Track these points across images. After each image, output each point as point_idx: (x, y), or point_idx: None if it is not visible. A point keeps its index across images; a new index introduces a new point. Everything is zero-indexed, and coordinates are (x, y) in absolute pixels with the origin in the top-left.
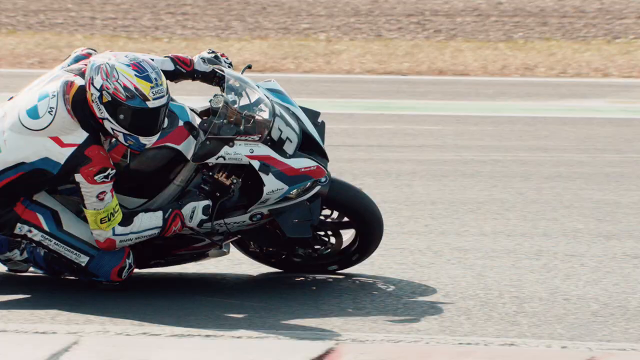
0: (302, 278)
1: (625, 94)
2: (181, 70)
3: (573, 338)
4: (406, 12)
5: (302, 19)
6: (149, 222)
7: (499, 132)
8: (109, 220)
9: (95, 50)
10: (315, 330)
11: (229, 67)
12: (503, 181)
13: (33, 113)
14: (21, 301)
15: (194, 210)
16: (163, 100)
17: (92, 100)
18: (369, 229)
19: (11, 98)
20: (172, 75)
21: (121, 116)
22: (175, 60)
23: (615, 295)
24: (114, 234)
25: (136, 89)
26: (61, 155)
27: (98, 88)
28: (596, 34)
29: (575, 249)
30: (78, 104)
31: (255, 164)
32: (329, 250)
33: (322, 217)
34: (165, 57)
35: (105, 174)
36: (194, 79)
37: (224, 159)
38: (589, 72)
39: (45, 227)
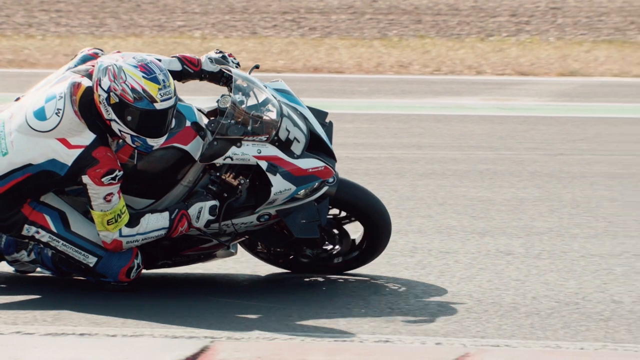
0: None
1: (498, 91)
2: (189, 70)
3: (447, 334)
4: (281, 9)
5: (177, 17)
6: (155, 222)
7: (373, 129)
8: (116, 221)
9: (102, 50)
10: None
11: (236, 67)
12: (378, 179)
13: (40, 114)
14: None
15: (201, 211)
16: (171, 102)
17: (100, 102)
18: (377, 229)
19: (18, 99)
20: (180, 75)
21: (129, 118)
22: (182, 60)
23: (488, 291)
24: (120, 235)
25: (144, 90)
26: (68, 156)
27: (105, 89)
28: (470, 32)
29: (449, 246)
30: (85, 105)
31: (263, 165)
32: (337, 250)
33: (329, 217)
34: (173, 57)
35: (113, 175)
36: (201, 79)
37: (232, 159)
38: (463, 69)
39: (53, 228)
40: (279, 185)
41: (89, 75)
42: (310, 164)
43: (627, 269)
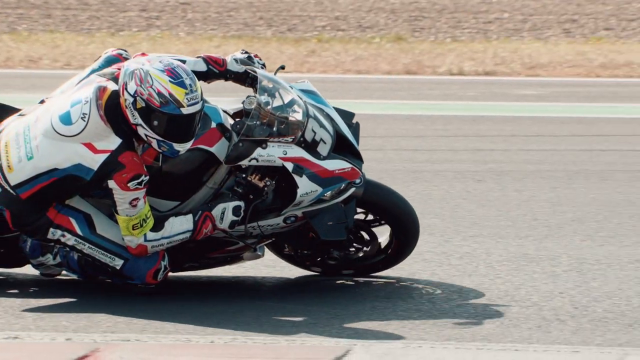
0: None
1: None
2: (214, 71)
3: (78, 330)
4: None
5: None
6: (179, 226)
7: None
8: (141, 226)
9: (126, 51)
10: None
11: (262, 68)
12: None
13: (66, 119)
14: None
15: (224, 212)
16: (197, 107)
17: (126, 106)
18: (405, 230)
19: (42, 101)
20: (205, 76)
21: (155, 122)
22: (207, 60)
23: None
24: (145, 240)
25: (170, 95)
26: (94, 161)
27: (132, 94)
28: (100, 26)
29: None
30: (111, 109)
31: (289, 166)
32: (364, 253)
33: (357, 219)
34: (198, 57)
35: (139, 180)
36: (226, 79)
37: (257, 161)
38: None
39: (79, 231)
40: (305, 186)
41: (115, 79)
42: (337, 165)
43: None
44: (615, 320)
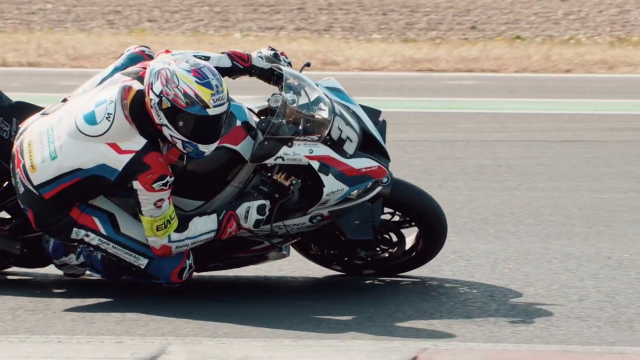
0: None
1: None
2: (238, 66)
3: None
4: None
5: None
6: (204, 226)
7: None
8: (165, 227)
9: (148, 48)
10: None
11: (287, 65)
12: None
13: (90, 119)
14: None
15: (249, 210)
16: (224, 108)
17: (151, 106)
18: (433, 229)
19: (65, 100)
20: (229, 72)
21: (180, 123)
22: (232, 56)
23: None
24: (169, 241)
25: (197, 95)
26: (119, 162)
27: (157, 94)
28: None
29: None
30: (136, 109)
31: (315, 165)
32: (391, 252)
33: (384, 218)
34: (222, 53)
35: (164, 181)
36: (251, 74)
37: (283, 159)
38: None
39: (103, 231)
40: (331, 185)
41: (140, 78)
42: (364, 163)
43: None
44: None
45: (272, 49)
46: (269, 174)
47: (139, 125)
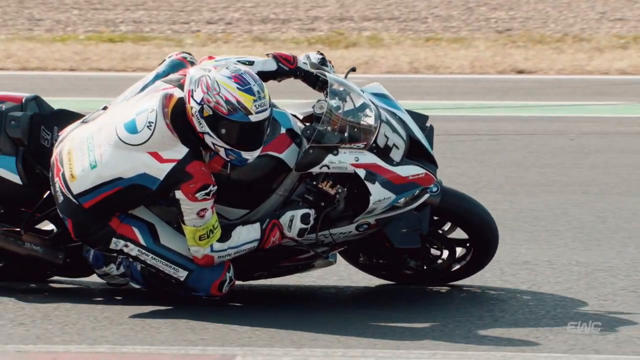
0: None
1: None
2: (284, 68)
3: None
4: None
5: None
6: (247, 235)
7: None
8: (208, 237)
9: (190, 54)
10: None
11: (332, 71)
12: None
13: (131, 127)
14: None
15: (292, 219)
16: (266, 114)
17: (192, 114)
18: (483, 238)
19: (105, 107)
20: (275, 74)
21: (223, 131)
22: (277, 58)
23: None
24: (212, 251)
25: (238, 102)
26: (160, 171)
27: (198, 101)
28: None
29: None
30: (177, 117)
31: (361, 173)
32: (441, 262)
33: (433, 227)
34: (267, 55)
35: (207, 191)
36: (296, 76)
37: (328, 167)
38: None
39: (142, 242)
40: (378, 193)
41: (181, 86)
42: (410, 171)
43: None
44: None
45: (321, 54)
46: (314, 182)
47: (181, 134)
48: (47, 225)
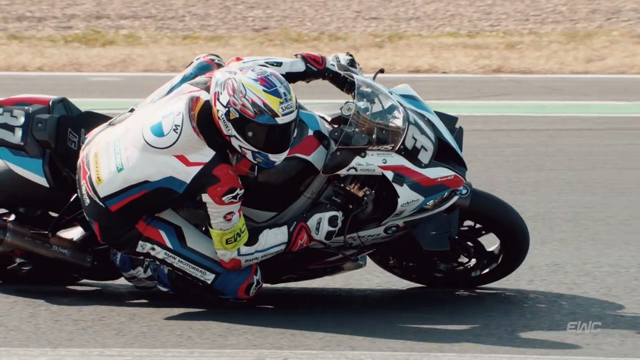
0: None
1: None
2: (312, 69)
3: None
4: None
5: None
6: (274, 238)
7: None
8: (235, 240)
9: (218, 56)
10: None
11: (360, 73)
12: None
13: (157, 130)
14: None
15: (320, 222)
16: (293, 116)
17: (219, 117)
18: (514, 241)
19: (132, 110)
20: (303, 75)
21: (249, 133)
22: (306, 58)
23: None
24: (239, 254)
25: (265, 104)
26: (187, 174)
27: (225, 104)
28: None
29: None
30: (204, 121)
31: (389, 175)
32: (471, 265)
33: (464, 229)
34: (296, 55)
35: (234, 194)
36: (324, 77)
37: (356, 170)
38: None
39: (169, 244)
40: (406, 196)
41: (208, 88)
42: (439, 173)
43: None
44: None
45: (350, 55)
46: (342, 185)
47: (207, 137)
48: (75, 228)
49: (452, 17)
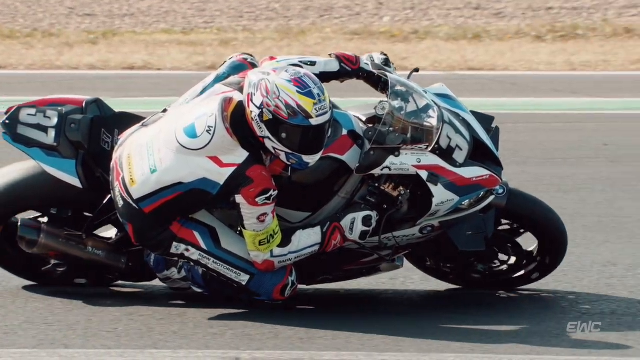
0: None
1: None
2: (346, 69)
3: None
4: None
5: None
6: (307, 239)
7: None
8: (268, 242)
9: (251, 56)
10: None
11: (394, 72)
12: None
13: (191, 132)
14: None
15: (354, 222)
16: (327, 117)
17: (252, 118)
18: (553, 242)
19: (165, 110)
20: (337, 75)
21: (283, 135)
22: (340, 58)
23: None
24: (272, 256)
25: (298, 106)
26: (220, 175)
27: (258, 106)
28: None
29: None
30: (237, 122)
31: (423, 175)
32: (509, 266)
33: (501, 230)
34: (330, 55)
35: (267, 195)
36: (358, 77)
37: (390, 169)
38: None
39: (203, 246)
40: (440, 195)
41: (241, 89)
42: (474, 172)
43: None
44: None
45: (384, 54)
46: (377, 184)
47: (241, 138)
48: (109, 230)
49: (167, 13)
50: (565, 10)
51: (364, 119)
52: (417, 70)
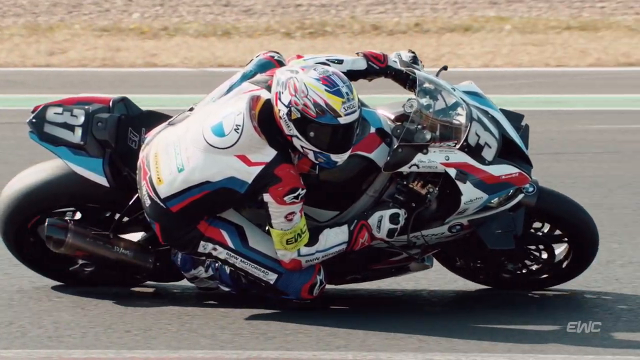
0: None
1: None
2: (374, 67)
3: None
4: None
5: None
6: (334, 238)
7: None
8: (296, 241)
9: (278, 53)
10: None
11: (422, 70)
12: None
13: (218, 130)
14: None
15: (381, 220)
16: (355, 116)
17: (280, 117)
18: (583, 240)
19: (191, 109)
20: (365, 73)
21: (311, 134)
22: (368, 57)
23: None
24: (299, 255)
25: (327, 104)
26: (248, 174)
27: (286, 104)
28: None
29: None
30: (265, 120)
31: (452, 172)
32: (540, 265)
33: (532, 230)
34: (357, 54)
35: (295, 194)
36: (386, 75)
37: (418, 167)
38: None
39: (231, 244)
40: (469, 193)
41: (268, 87)
42: (503, 170)
43: None
44: None
45: (412, 52)
46: (405, 182)
47: (268, 136)
48: (136, 229)
49: None
50: (314, 7)
51: (392, 116)
52: (445, 68)
